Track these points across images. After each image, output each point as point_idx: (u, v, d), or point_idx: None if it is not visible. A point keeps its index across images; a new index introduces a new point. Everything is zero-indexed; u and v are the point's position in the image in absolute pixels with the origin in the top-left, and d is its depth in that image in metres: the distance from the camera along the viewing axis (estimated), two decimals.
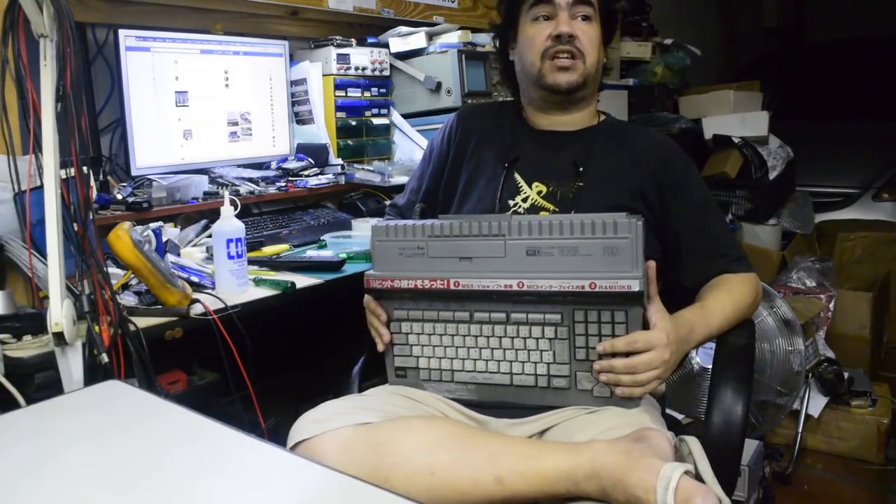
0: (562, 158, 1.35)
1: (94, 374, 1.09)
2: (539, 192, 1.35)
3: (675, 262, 1.32)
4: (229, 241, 1.36)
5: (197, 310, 1.27)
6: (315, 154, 2.08)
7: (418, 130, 2.25)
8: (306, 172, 2.01)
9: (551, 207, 1.33)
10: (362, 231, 1.82)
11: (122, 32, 1.70)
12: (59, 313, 1.04)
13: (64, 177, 1.12)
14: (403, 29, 2.29)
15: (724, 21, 5.28)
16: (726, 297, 1.25)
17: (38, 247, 1.17)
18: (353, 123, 2.22)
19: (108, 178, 1.71)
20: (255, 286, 1.43)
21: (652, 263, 1.10)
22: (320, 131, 2.14)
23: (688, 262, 1.31)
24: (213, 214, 1.54)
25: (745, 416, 1.15)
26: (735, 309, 1.25)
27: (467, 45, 2.26)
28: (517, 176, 1.37)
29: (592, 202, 1.29)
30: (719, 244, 1.33)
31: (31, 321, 1.14)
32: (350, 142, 2.21)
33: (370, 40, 2.28)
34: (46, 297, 1.08)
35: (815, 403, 2.40)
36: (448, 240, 1.16)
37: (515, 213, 1.34)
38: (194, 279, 1.40)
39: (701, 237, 1.32)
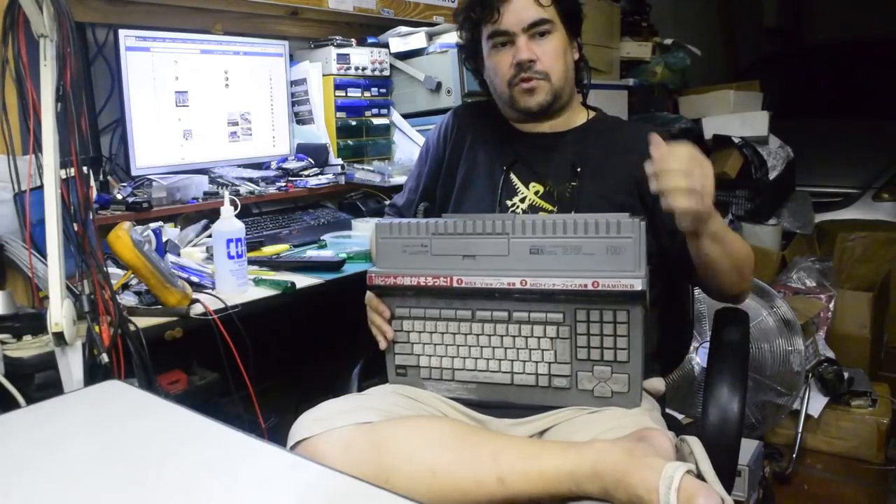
0: (558, 159, 1.35)
1: (94, 374, 1.08)
2: (536, 193, 1.34)
3: (668, 247, 1.27)
4: (229, 241, 1.36)
5: (197, 310, 1.26)
6: (315, 154, 2.08)
7: (418, 130, 2.24)
8: (306, 172, 2.01)
9: (550, 207, 1.33)
10: (362, 231, 1.81)
11: (122, 32, 1.70)
12: (59, 313, 1.04)
13: (64, 177, 1.12)
14: (403, 29, 2.28)
15: (724, 21, 5.29)
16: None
17: (38, 247, 1.17)
18: (353, 123, 2.22)
19: (108, 178, 1.71)
20: (255, 286, 1.43)
21: None
22: (320, 131, 2.14)
23: (680, 235, 1.23)
24: (213, 214, 1.54)
25: (741, 412, 1.15)
26: (745, 249, 1.20)
27: None
28: (514, 177, 1.36)
29: (590, 199, 1.29)
30: None
31: (31, 321, 1.14)
32: (350, 142, 2.21)
33: (370, 40, 2.28)
34: (46, 297, 1.08)
35: (815, 403, 2.39)
36: (452, 238, 1.17)
37: (514, 213, 1.34)
38: (194, 279, 1.39)
39: None
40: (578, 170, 1.32)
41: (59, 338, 1.05)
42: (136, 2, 1.79)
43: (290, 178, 1.98)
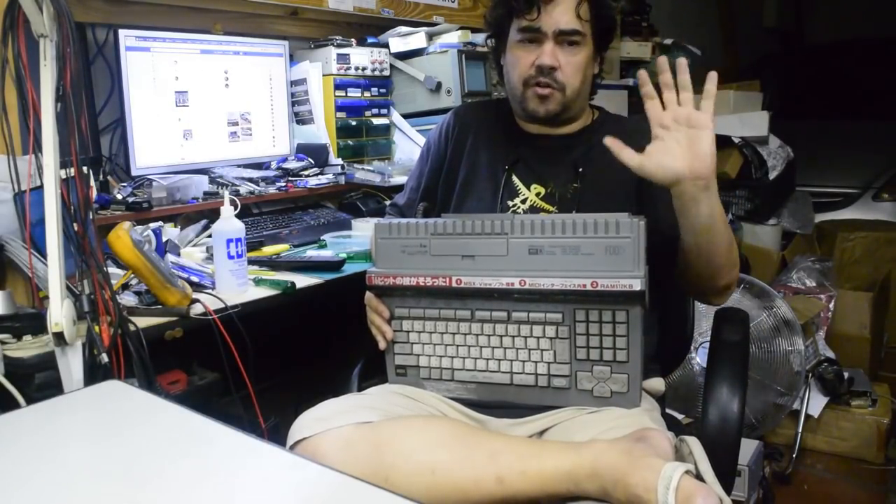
0: (561, 162, 1.35)
1: (94, 374, 1.09)
2: (538, 194, 1.34)
3: (658, 231, 1.20)
4: (229, 241, 1.36)
5: (197, 310, 1.27)
6: (315, 154, 2.08)
7: (418, 130, 2.24)
8: (306, 172, 2.01)
9: (551, 208, 1.32)
10: (362, 231, 1.82)
11: (122, 32, 1.70)
12: (59, 313, 1.04)
13: (64, 177, 1.12)
14: (403, 29, 2.28)
15: (724, 21, 5.28)
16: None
17: (38, 247, 1.17)
18: (353, 123, 2.22)
19: (108, 178, 1.71)
20: (255, 286, 1.43)
21: None
22: (320, 131, 2.14)
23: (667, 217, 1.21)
24: (213, 214, 1.54)
25: (741, 412, 1.16)
26: (732, 241, 1.17)
27: (467, 45, 2.26)
28: (515, 178, 1.36)
29: (591, 201, 1.29)
30: None
31: (31, 321, 1.14)
32: (350, 142, 2.21)
33: (370, 40, 2.28)
34: (46, 297, 1.08)
35: (815, 403, 2.40)
36: (451, 238, 1.17)
37: (515, 213, 1.34)
38: (194, 279, 1.39)
39: None
40: (581, 170, 1.32)
41: (59, 338, 1.05)
42: (136, 2, 1.80)
43: (290, 178, 1.98)
